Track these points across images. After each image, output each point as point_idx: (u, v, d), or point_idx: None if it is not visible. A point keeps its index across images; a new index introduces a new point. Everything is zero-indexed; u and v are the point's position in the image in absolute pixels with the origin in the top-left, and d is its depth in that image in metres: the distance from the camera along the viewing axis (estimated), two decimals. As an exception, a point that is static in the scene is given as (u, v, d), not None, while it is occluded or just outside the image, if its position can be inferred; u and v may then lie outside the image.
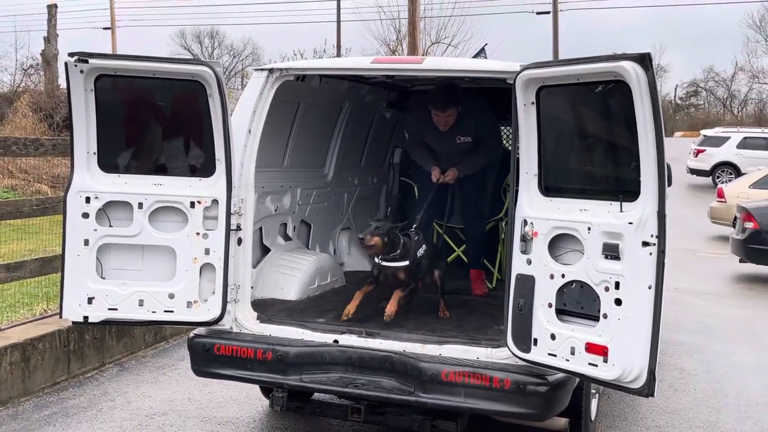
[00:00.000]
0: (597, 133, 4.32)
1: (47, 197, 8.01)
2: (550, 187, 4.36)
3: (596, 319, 4.06)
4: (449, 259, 6.63)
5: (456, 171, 6.17)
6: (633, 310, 3.92)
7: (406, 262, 5.32)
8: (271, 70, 5.20)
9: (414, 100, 6.70)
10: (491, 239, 6.74)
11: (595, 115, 4.30)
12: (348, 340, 4.82)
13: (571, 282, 4.17)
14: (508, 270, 4.46)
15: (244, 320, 5.01)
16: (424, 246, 5.51)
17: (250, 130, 5.07)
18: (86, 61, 4.60)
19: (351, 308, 5.23)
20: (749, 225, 12.05)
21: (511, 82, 4.36)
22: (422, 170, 6.44)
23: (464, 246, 6.78)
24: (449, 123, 6.06)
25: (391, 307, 5.16)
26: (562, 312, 4.23)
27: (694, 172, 27.06)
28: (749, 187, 16.51)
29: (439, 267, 5.63)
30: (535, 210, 4.34)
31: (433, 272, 5.59)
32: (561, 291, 4.22)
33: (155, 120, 5.00)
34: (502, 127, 8.57)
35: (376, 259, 5.33)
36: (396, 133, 8.20)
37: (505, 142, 8.52)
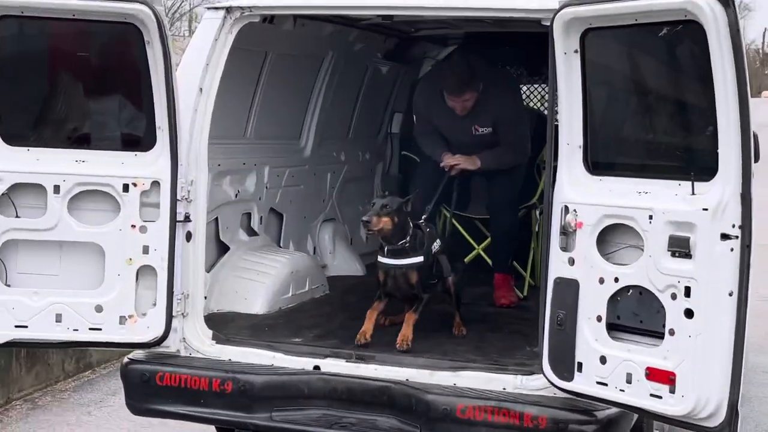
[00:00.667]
0: (660, 91, 4.29)
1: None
2: (598, 162, 4.34)
3: (660, 336, 4.06)
4: (467, 260, 6.63)
5: (468, 159, 6.23)
6: (708, 325, 3.90)
7: (420, 258, 5.32)
8: (228, 9, 5.17)
9: (427, 76, 6.71)
10: (522, 233, 6.76)
11: (659, 67, 4.27)
12: (333, 365, 4.82)
13: (627, 288, 4.16)
14: (543, 273, 4.45)
15: (196, 340, 5.02)
16: (438, 241, 5.52)
17: (201, 89, 5.05)
18: (-18, -2, 4.60)
19: (367, 330, 5.16)
20: None
21: (548, 23, 4.34)
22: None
23: (487, 242, 6.80)
24: (467, 108, 6.15)
25: (405, 333, 5.15)
26: (615, 327, 4.22)
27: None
28: None
29: (455, 270, 5.64)
30: (579, 193, 4.33)
31: (446, 277, 5.58)
32: (614, 300, 4.21)
33: (76, 76, 4.97)
34: (537, 86, 8.60)
35: (380, 257, 5.35)
36: (395, 94, 8.21)
37: (539, 104, 8.57)
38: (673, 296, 3.99)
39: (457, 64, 6.11)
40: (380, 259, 5.35)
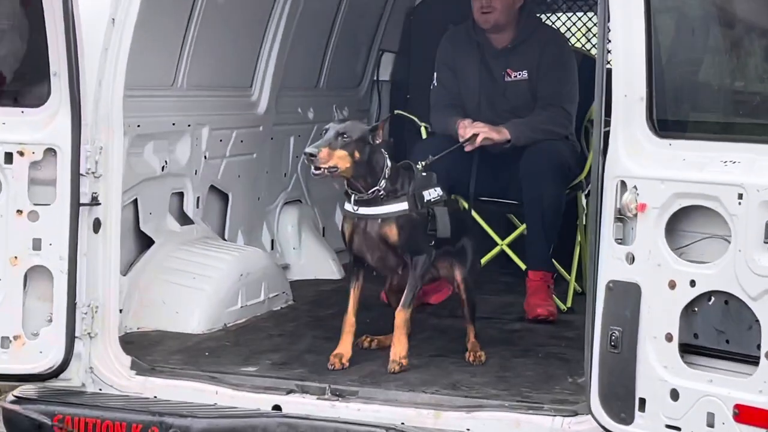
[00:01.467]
0: (755, 20, 4.28)
1: None
2: (668, 120, 4.34)
3: (754, 361, 4.05)
4: (487, 258, 6.63)
5: (493, 128, 6.34)
6: (821, 346, 3.91)
7: (402, 205, 5.30)
8: None
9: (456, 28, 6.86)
10: (565, 223, 6.76)
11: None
12: (299, 405, 4.84)
13: (708, 295, 4.16)
14: (591, 275, 4.46)
15: (108, 370, 5.02)
16: (438, 190, 5.49)
17: (113, 20, 5.03)
18: None
19: (345, 350, 5.26)
20: None
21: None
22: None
23: (516, 234, 6.85)
24: (494, 8, 6.41)
25: (397, 348, 5.21)
26: (691, 349, 4.23)
27: None
28: None
29: (463, 255, 5.60)
30: (641, 163, 4.32)
31: (452, 270, 5.59)
32: (689, 311, 4.21)
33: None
34: (581, 15, 8.58)
35: (346, 205, 5.37)
36: (384, 26, 8.19)
37: (585, 42, 8.55)
38: (773, 306, 4.00)
39: None
40: (346, 206, 5.39)
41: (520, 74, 6.56)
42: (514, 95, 6.55)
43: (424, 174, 5.51)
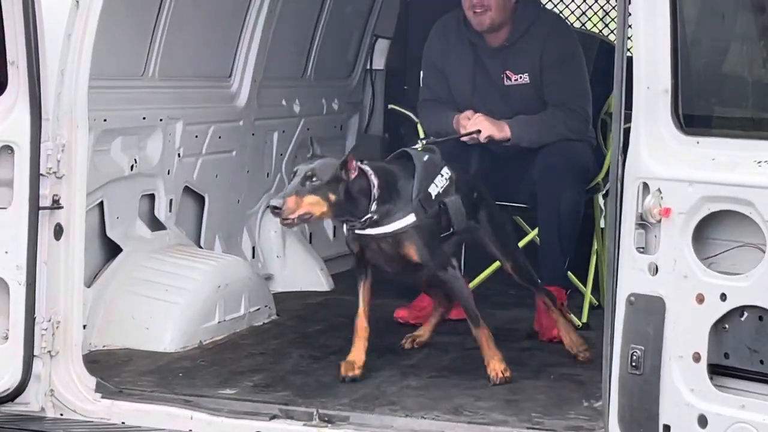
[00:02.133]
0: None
1: None
2: (695, 115, 4.35)
3: (791, 384, 4.09)
4: (493, 269, 6.63)
5: (495, 124, 6.33)
6: None
7: (410, 218, 5.31)
8: None
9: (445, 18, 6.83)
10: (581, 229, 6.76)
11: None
12: (284, 431, 4.84)
13: (741, 310, 4.16)
14: (610, 287, 4.46)
15: (71, 393, 5.02)
16: (444, 172, 5.48)
17: (78, 3, 5.02)
18: None
19: (357, 356, 5.37)
20: None
21: None
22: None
23: (526, 240, 6.83)
24: (487, 7, 6.32)
25: (494, 365, 5.39)
26: (721, 371, 4.23)
27: None
28: None
29: (498, 234, 5.72)
30: (666, 163, 4.32)
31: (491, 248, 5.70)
32: (719, 328, 4.21)
33: None
34: (596, 3, 8.58)
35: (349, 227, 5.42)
36: (378, 10, 8.18)
37: (602, 27, 8.55)
38: (813, 323, 4.01)
39: None
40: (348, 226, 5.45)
41: (521, 77, 6.46)
42: (517, 100, 6.48)
43: (425, 159, 5.49)
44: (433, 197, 5.40)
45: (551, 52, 6.49)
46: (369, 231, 5.34)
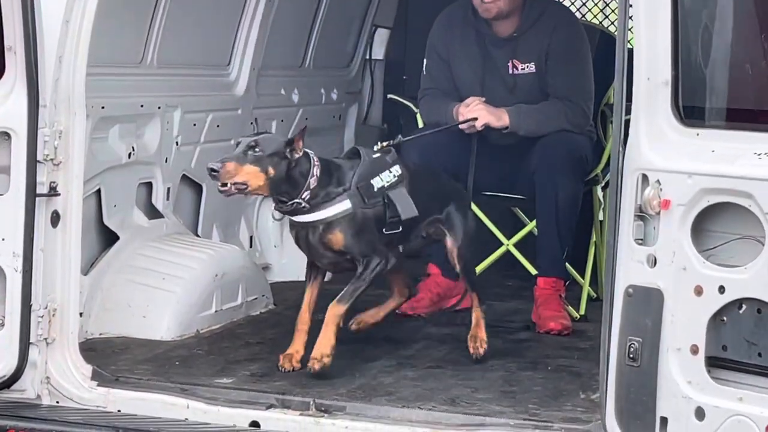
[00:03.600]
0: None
1: None
2: (695, 107, 4.35)
3: (789, 377, 4.09)
4: (491, 260, 6.63)
5: (493, 112, 6.33)
6: None
7: (345, 204, 5.28)
8: None
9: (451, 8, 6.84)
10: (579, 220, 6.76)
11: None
12: (281, 421, 4.85)
13: (739, 302, 4.16)
14: (608, 279, 4.46)
15: (67, 381, 5.02)
16: (394, 170, 5.44)
17: (76, -10, 5.04)
18: None
19: (297, 346, 5.38)
20: None
21: None
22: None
23: (524, 231, 6.86)
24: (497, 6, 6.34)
25: (321, 346, 5.27)
26: (719, 363, 4.23)
27: None
28: None
29: (454, 223, 5.64)
30: (665, 155, 4.32)
31: (443, 238, 5.63)
32: (717, 321, 4.21)
33: None
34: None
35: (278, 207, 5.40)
36: (379, 1, 8.18)
37: (602, 18, 8.54)
38: (811, 316, 4.00)
39: None
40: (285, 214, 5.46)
41: (527, 67, 6.48)
42: (522, 90, 6.51)
43: (375, 156, 5.47)
44: (375, 189, 5.35)
45: (559, 43, 6.51)
46: (302, 217, 5.31)
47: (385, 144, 5.61)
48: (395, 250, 5.49)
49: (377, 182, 5.37)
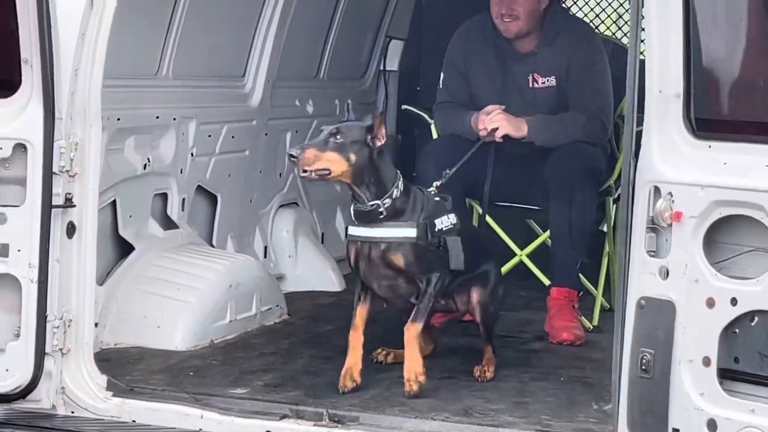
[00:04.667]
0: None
1: None
2: (707, 119, 4.34)
3: (802, 389, 4.08)
4: (506, 269, 6.62)
5: (513, 121, 6.34)
6: None
7: (411, 230, 5.32)
8: None
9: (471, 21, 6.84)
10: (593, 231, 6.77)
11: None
12: (294, 431, 4.84)
13: (751, 315, 4.15)
14: (621, 290, 4.46)
15: (81, 391, 5.03)
16: (451, 217, 5.48)
17: (92, 2, 5.02)
18: None
19: (354, 366, 5.30)
20: None
21: None
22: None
23: (537, 242, 6.86)
24: (516, 16, 6.39)
25: (411, 365, 5.24)
26: (731, 375, 4.22)
27: None
28: None
29: (484, 280, 5.65)
30: (677, 167, 4.32)
31: (469, 289, 5.62)
32: (729, 333, 4.20)
33: None
34: (610, 1, 8.58)
35: (350, 226, 5.40)
36: (392, 11, 8.19)
37: (615, 30, 8.54)
38: (824, 329, 4.00)
39: None
40: (349, 229, 5.43)
41: (547, 80, 6.52)
42: (541, 103, 6.53)
43: (438, 199, 5.51)
44: (436, 228, 5.37)
45: (579, 57, 6.55)
46: (368, 232, 5.30)
47: (437, 184, 5.62)
48: None
49: (438, 223, 5.39)
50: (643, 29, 4.39)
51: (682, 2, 4.28)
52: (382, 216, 5.28)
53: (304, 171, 5.15)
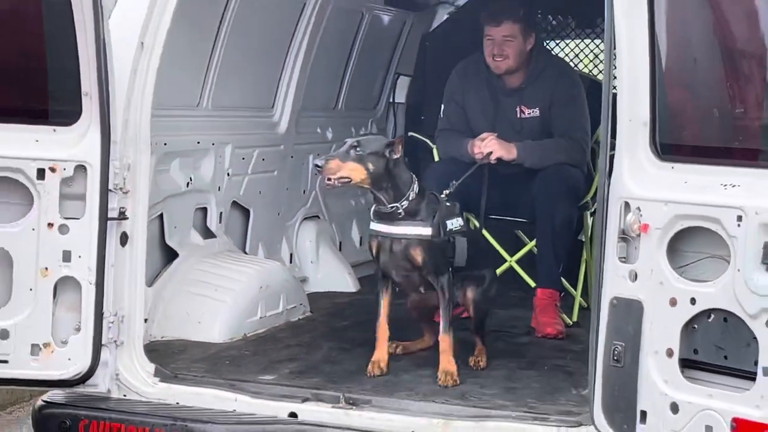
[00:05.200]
0: (753, 49, 4.26)
1: None
2: (670, 144, 4.32)
3: (752, 377, 4.02)
4: (498, 272, 6.61)
5: (504, 145, 6.36)
6: (817, 362, 3.90)
7: (427, 230, 5.33)
8: (179, -62, 5.20)
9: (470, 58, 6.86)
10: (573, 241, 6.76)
11: (756, 14, 4.23)
12: (315, 412, 4.84)
13: (708, 312, 4.14)
14: (596, 291, 4.44)
15: (133, 377, 5.04)
16: (460, 220, 5.52)
17: (143, 44, 5.06)
18: None
19: (381, 356, 5.33)
20: None
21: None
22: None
23: (524, 251, 6.86)
24: (506, 56, 6.45)
25: (446, 367, 5.24)
26: (691, 365, 4.21)
27: None
28: None
29: (480, 280, 5.65)
30: (645, 185, 4.31)
31: (465, 287, 5.61)
32: (689, 328, 4.19)
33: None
34: (588, 42, 8.58)
35: (372, 223, 5.40)
36: (400, 51, 8.20)
37: (592, 67, 8.54)
38: (771, 324, 3.98)
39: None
40: (371, 224, 5.43)
41: (532, 112, 6.57)
42: (528, 131, 6.56)
43: (448, 204, 5.51)
44: (447, 229, 5.39)
45: (560, 92, 6.57)
46: (389, 229, 5.32)
47: (447, 192, 5.62)
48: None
49: (449, 224, 5.40)
50: (615, 67, 4.40)
51: (649, 45, 4.30)
52: (400, 216, 5.31)
53: (328, 179, 5.17)
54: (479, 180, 6.40)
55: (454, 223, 5.44)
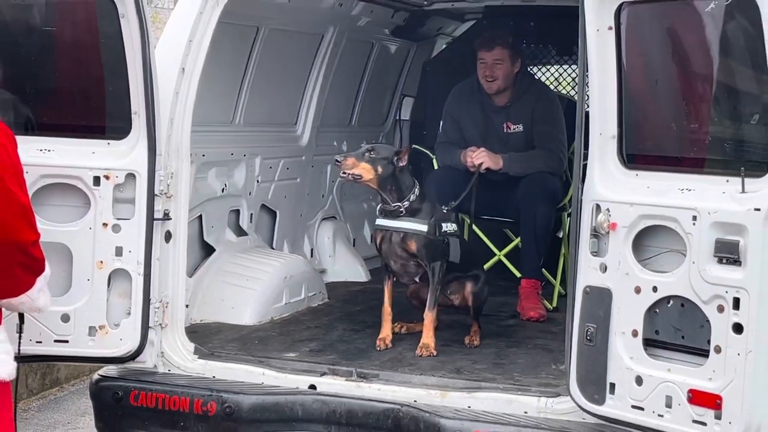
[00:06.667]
0: (706, 74, 4.26)
1: None
2: (635, 155, 4.34)
3: (705, 354, 4.04)
4: (487, 267, 6.61)
5: (492, 156, 6.37)
6: (761, 342, 3.87)
7: (422, 227, 5.35)
8: (215, -21, 5.20)
9: (465, 87, 6.86)
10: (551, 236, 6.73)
11: (704, 47, 4.24)
12: (331, 385, 4.84)
13: (667, 299, 4.15)
14: (571, 280, 4.45)
15: (176, 355, 5.05)
16: (454, 226, 5.55)
17: (183, 69, 5.07)
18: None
19: (386, 333, 5.38)
20: None
21: (578, -4, 4.36)
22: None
23: (510, 246, 6.85)
24: (496, 77, 6.48)
25: (428, 342, 5.27)
26: (653, 343, 4.21)
27: None
28: None
29: (476, 278, 5.67)
30: (613, 190, 4.32)
31: (464, 284, 5.63)
32: (651, 312, 4.20)
33: (42, 53, 4.96)
34: (567, 67, 8.57)
35: (378, 220, 5.45)
36: (405, 76, 8.19)
37: (570, 89, 8.53)
38: (720, 308, 3.97)
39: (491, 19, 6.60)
40: (377, 220, 5.48)
41: (516, 127, 6.59)
42: (513, 143, 6.59)
43: (444, 210, 5.56)
44: (442, 230, 5.44)
45: (540, 110, 6.59)
46: (390, 223, 5.38)
47: (447, 208, 5.64)
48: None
49: (444, 226, 5.45)
50: (588, 89, 4.40)
51: (617, 70, 4.32)
52: (402, 213, 5.35)
53: (344, 173, 5.26)
54: (472, 187, 6.39)
55: (449, 227, 5.48)
